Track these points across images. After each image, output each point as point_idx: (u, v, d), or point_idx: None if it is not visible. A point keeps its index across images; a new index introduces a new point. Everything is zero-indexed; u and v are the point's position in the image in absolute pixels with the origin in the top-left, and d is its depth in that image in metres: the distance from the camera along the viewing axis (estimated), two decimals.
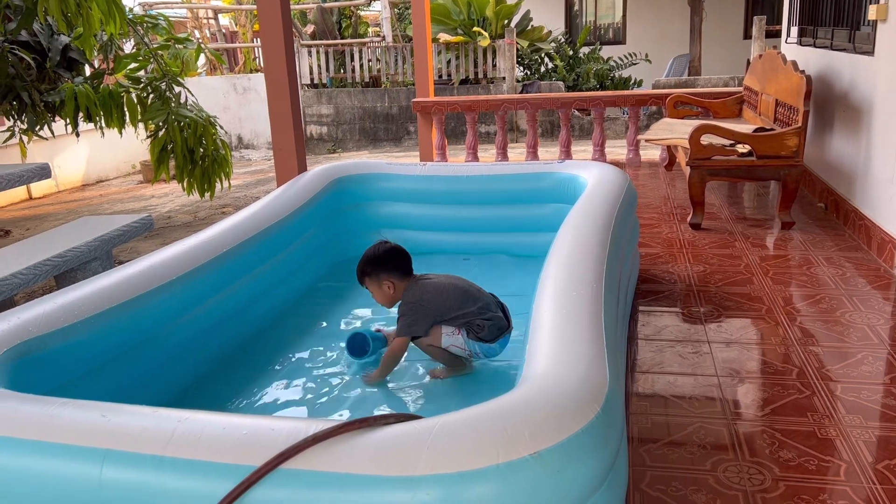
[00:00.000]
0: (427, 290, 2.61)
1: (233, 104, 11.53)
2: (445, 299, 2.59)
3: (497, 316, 2.62)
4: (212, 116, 5.76)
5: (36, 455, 1.46)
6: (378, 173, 4.21)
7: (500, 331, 2.62)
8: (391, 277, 2.62)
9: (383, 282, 2.62)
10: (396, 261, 2.64)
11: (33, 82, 5.58)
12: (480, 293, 2.67)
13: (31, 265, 3.15)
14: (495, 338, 2.60)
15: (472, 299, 2.61)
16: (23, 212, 7.48)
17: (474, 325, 2.57)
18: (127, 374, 2.39)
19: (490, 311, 2.61)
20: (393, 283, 2.62)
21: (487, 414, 1.42)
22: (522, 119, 11.22)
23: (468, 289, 2.66)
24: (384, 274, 2.62)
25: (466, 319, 2.57)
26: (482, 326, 2.57)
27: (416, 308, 2.59)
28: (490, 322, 2.58)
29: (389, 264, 2.63)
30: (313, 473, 1.33)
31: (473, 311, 2.57)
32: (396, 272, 2.63)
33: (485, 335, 2.58)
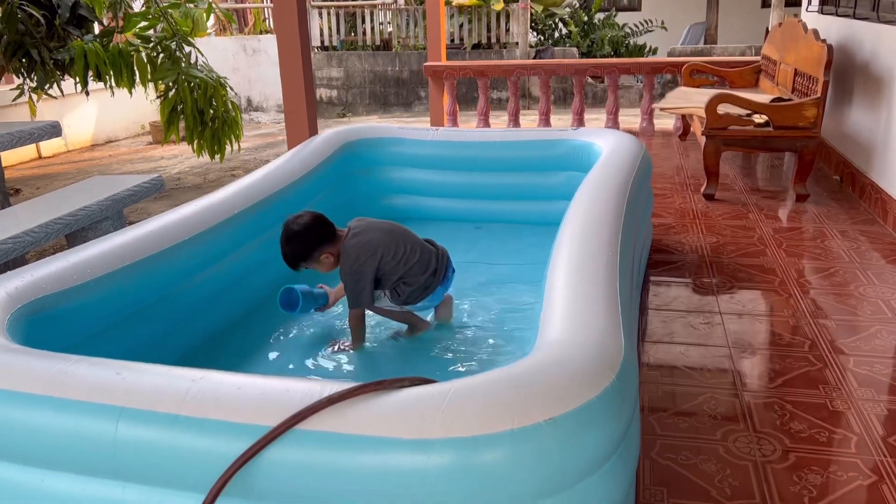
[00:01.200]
0: (362, 254, 2.49)
1: (242, 66, 11.43)
2: (381, 259, 2.50)
3: (420, 278, 2.55)
4: (222, 78, 5.71)
5: (51, 411, 1.47)
6: (389, 137, 4.17)
7: (425, 290, 2.58)
8: (326, 249, 2.50)
9: (321, 257, 2.51)
10: (320, 230, 2.50)
11: (42, 39, 5.52)
12: (413, 247, 2.57)
13: (43, 223, 3.15)
14: (417, 299, 2.58)
15: (403, 259, 2.53)
16: (33, 170, 7.48)
17: (397, 289, 2.56)
18: (138, 334, 2.39)
19: (417, 275, 2.54)
20: (329, 252, 2.51)
21: (502, 379, 1.42)
22: (535, 85, 11.09)
23: (400, 243, 2.55)
24: (317, 251, 2.49)
25: (393, 284, 2.54)
26: (403, 291, 2.55)
27: (356, 277, 2.49)
28: (410, 287, 2.55)
29: (317, 240, 2.48)
30: (328, 434, 1.33)
31: (404, 273, 2.53)
32: (327, 241, 2.50)
33: (405, 299, 2.57)
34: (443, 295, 2.71)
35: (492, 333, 2.75)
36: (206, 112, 5.54)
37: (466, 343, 2.69)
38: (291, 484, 1.37)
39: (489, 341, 2.70)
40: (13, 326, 1.83)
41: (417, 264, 2.55)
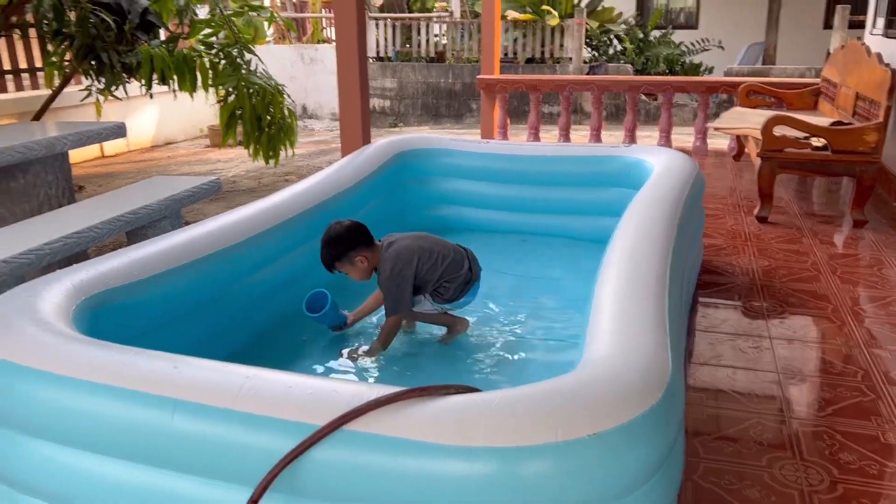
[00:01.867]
0: (401, 259, 2.59)
1: (300, 74, 11.65)
2: (419, 263, 2.61)
3: (461, 274, 2.68)
4: (280, 85, 5.84)
5: (111, 399, 1.53)
6: (441, 148, 4.22)
7: (466, 284, 2.71)
8: (362, 252, 2.59)
9: (356, 259, 2.58)
10: (359, 234, 2.60)
11: (112, 43, 5.74)
12: (446, 249, 2.70)
13: (106, 220, 3.26)
14: (461, 293, 2.69)
15: (440, 260, 2.64)
16: (96, 168, 7.75)
17: (440, 289, 2.66)
18: (191, 331, 2.46)
19: (457, 271, 2.67)
20: (365, 256, 2.59)
21: (548, 392, 1.43)
22: (587, 101, 11.04)
23: (433, 248, 2.67)
24: (353, 252, 2.57)
25: (434, 286, 2.65)
26: (447, 289, 2.66)
27: (396, 282, 2.58)
28: (454, 283, 2.66)
29: (355, 240, 2.58)
30: (374, 436, 1.36)
31: (442, 273, 2.64)
32: (363, 245, 2.59)
33: (449, 296, 2.67)
34: (477, 292, 2.78)
35: (535, 346, 2.76)
36: (264, 118, 5.67)
37: (510, 355, 2.70)
38: (336, 483, 1.40)
39: (533, 354, 2.70)
40: (78, 317, 1.91)
41: (453, 263, 2.66)
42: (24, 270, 2.80)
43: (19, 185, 3.84)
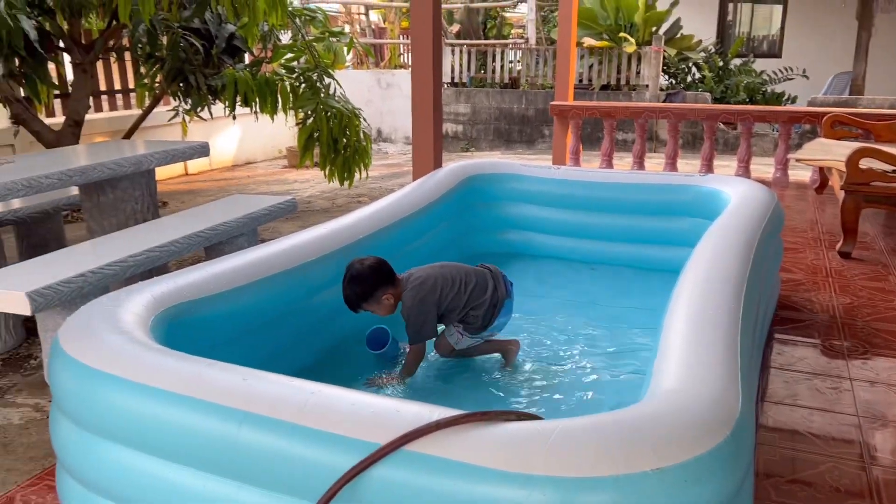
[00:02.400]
0: (423, 288, 2.59)
1: (376, 98, 11.90)
2: (441, 292, 2.60)
3: (485, 299, 2.64)
4: (357, 109, 5.99)
5: (182, 408, 1.59)
6: (511, 173, 4.23)
7: (495, 307, 2.67)
8: (386, 290, 2.57)
9: (382, 298, 2.56)
10: (383, 271, 2.57)
11: (200, 67, 6.02)
12: (467, 276, 2.67)
13: (187, 235, 3.40)
14: (492, 318, 2.67)
15: (463, 287, 2.63)
16: (179, 186, 8.08)
17: (467, 318, 2.64)
18: (261, 345, 2.53)
19: (480, 297, 2.64)
20: (390, 293, 2.58)
21: (611, 423, 1.41)
22: (663, 129, 10.87)
23: (455, 275, 2.65)
24: (378, 291, 2.55)
25: (461, 315, 2.63)
26: (475, 318, 2.64)
27: (419, 310, 2.57)
28: (480, 311, 2.64)
29: (379, 278, 2.56)
30: (433, 458, 1.36)
31: (467, 300, 2.61)
32: (387, 282, 2.57)
33: (479, 325, 2.65)
34: (512, 309, 2.75)
35: (599, 377, 2.72)
36: (340, 140, 5.82)
37: (572, 384, 2.66)
38: (394, 503, 1.40)
39: (595, 385, 2.66)
40: (156, 327, 2.00)
41: (477, 287, 2.64)
42: (109, 281, 2.94)
43: (108, 199, 4.04)
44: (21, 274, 2.81)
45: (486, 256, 4.15)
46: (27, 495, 2.22)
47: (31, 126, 5.80)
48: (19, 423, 2.74)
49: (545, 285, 3.77)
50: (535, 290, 3.67)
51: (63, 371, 1.78)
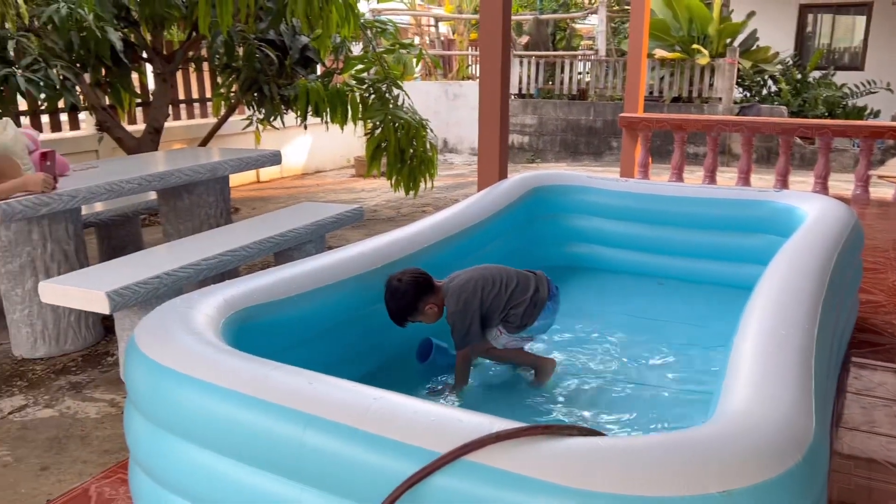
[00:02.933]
0: (464, 291, 2.58)
1: (442, 109, 11.99)
2: (483, 293, 2.58)
3: (526, 297, 2.61)
4: (424, 119, 6.05)
5: (250, 409, 1.63)
6: (578, 185, 4.19)
7: (535, 307, 2.63)
8: (428, 300, 2.57)
9: (424, 308, 2.58)
10: (422, 283, 2.58)
11: (274, 77, 6.19)
12: (508, 276, 2.65)
13: (258, 241, 3.50)
14: (532, 317, 2.63)
15: (503, 287, 2.60)
16: (251, 192, 8.31)
17: (508, 317, 2.61)
18: (326, 351, 2.58)
19: (521, 296, 2.61)
20: (433, 302, 2.58)
21: (676, 443, 1.37)
22: (736, 142, 10.59)
23: (495, 276, 2.63)
24: (421, 303, 2.56)
25: (502, 315, 2.60)
26: (516, 316, 2.61)
27: (462, 314, 2.57)
28: (520, 309, 2.60)
29: (419, 292, 2.56)
30: (493, 469, 1.36)
31: (508, 299, 2.59)
32: (428, 293, 2.58)
33: (519, 323, 2.61)
34: (555, 312, 2.70)
35: (665, 395, 2.66)
36: (407, 151, 5.88)
37: (637, 401, 2.61)
38: None
39: (661, 402, 2.60)
40: (226, 329, 2.05)
41: (518, 288, 2.62)
42: (183, 283, 3.05)
43: (184, 204, 4.19)
44: (101, 274, 2.95)
45: (549, 269, 4.11)
46: (101, 487, 2.31)
47: (114, 133, 6.07)
48: (95, 417, 2.86)
49: (610, 299, 3.72)
50: (599, 304, 3.62)
51: (138, 369, 1.85)
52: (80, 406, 2.95)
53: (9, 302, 3.37)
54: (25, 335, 3.39)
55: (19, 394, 3.06)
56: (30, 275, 3.32)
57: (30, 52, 4.96)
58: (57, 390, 3.09)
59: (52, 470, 2.46)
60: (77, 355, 3.45)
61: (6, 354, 3.47)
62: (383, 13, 11.81)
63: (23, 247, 3.29)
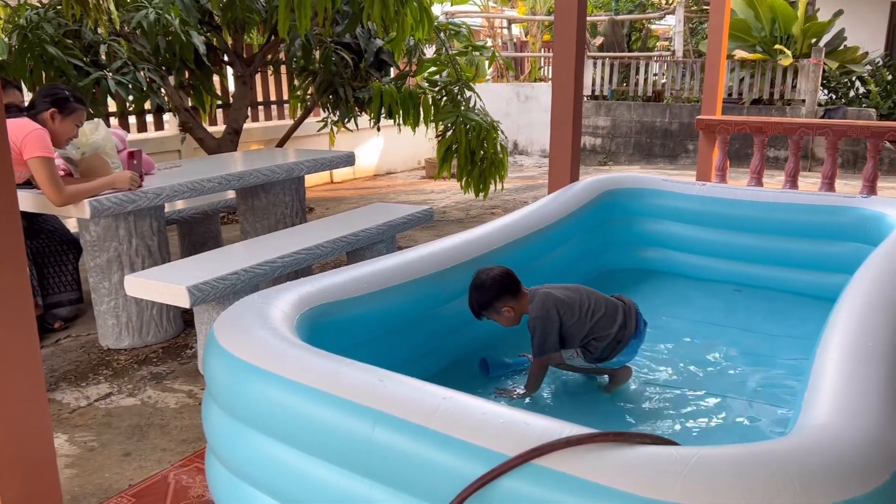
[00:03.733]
0: (550, 300, 2.56)
1: (514, 111, 11.95)
2: (570, 313, 2.55)
3: (610, 332, 2.55)
4: (495, 121, 6.04)
5: (322, 404, 1.66)
6: (652, 189, 4.11)
7: (618, 343, 2.57)
8: (507, 302, 2.57)
9: (502, 309, 2.57)
10: (505, 284, 2.57)
11: (349, 80, 6.30)
12: (597, 303, 2.59)
13: (331, 240, 3.57)
14: (613, 352, 2.58)
15: (589, 314, 2.56)
16: (325, 193, 8.48)
17: (589, 346, 2.56)
18: (396, 349, 2.61)
19: (606, 329, 2.55)
20: (511, 306, 2.57)
21: (754, 455, 1.33)
22: (819, 146, 10.18)
23: (583, 300, 2.59)
24: (499, 302, 2.56)
25: (584, 342, 2.56)
26: (596, 348, 2.56)
27: (544, 321, 2.54)
28: (602, 343, 2.55)
29: (501, 291, 2.56)
30: (563, 475, 1.34)
31: (591, 329, 2.54)
32: (509, 295, 2.57)
33: (599, 355, 2.57)
34: (638, 349, 2.66)
35: (741, 405, 2.58)
36: (477, 153, 5.89)
37: (712, 410, 2.54)
38: None
39: (737, 414, 2.52)
40: (300, 325, 2.10)
41: (604, 318, 2.56)
42: (259, 279, 3.13)
43: (262, 203, 4.31)
44: (182, 270, 3.06)
45: (621, 273, 4.06)
46: (179, 475, 2.40)
47: (196, 133, 6.29)
48: (174, 407, 2.98)
49: (685, 305, 3.64)
50: (673, 309, 3.55)
51: (216, 362, 1.91)
52: (160, 396, 3.07)
53: (97, 294, 3.54)
54: (111, 326, 3.56)
55: (104, 382, 3.21)
56: (116, 269, 3.48)
57: (120, 55, 5.20)
58: (139, 380, 3.23)
59: (134, 456, 2.57)
60: (158, 347, 3.60)
61: (93, 344, 3.65)
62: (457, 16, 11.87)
63: (110, 242, 3.45)
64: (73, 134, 3.50)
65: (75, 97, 3.47)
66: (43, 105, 3.38)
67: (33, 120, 3.31)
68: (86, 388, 3.15)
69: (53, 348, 3.61)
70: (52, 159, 3.21)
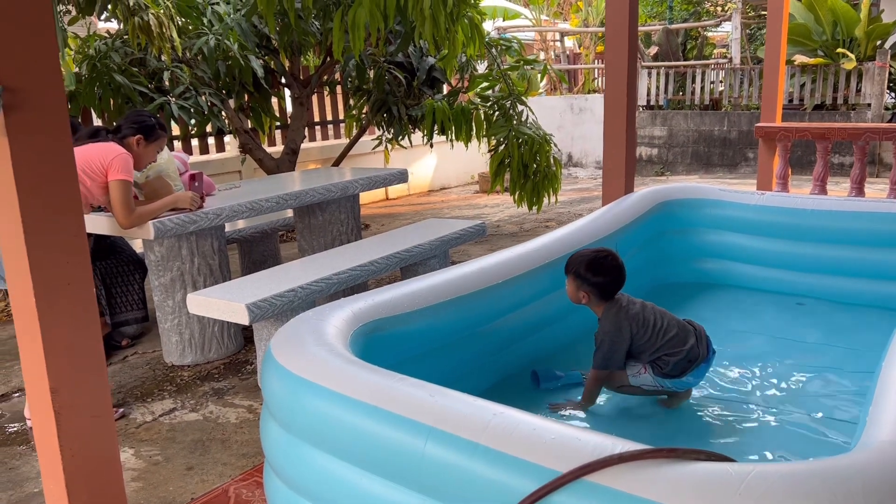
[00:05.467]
0: (624, 319, 2.52)
1: (567, 123, 11.89)
2: (642, 331, 2.51)
3: (683, 350, 2.49)
4: (548, 135, 6.03)
5: (374, 419, 1.68)
6: (709, 199, 4.03)
7: (690, 363, 2.50)
8: (591, 291, 2.55)
9: (581, 289, 2.56)
10: (609, 279, 2.56)
11: (402, 98, 6.39)
12: (669, 323, 2.54)
13: (385, 256, 3.61)
14: (683, 371, 2.50)
15: (661, 333, 2.51)
16: (380, 209, 8.60)
17: (660, 361, 2.50)
18: (448, 364, 2.62)
19: (678, 346, 2.49)
20: (589, 296, 2.56)
21: (814, 472, 1.29)
22: (887, 151, 9.81)
23: (657, 319, 2.54)
24: (588, 285, 2.55)
25: (653, 357, 2.50)
26: (667, 363, 2.49)
27: (613, 338, 2.51)
28: (675, 358, 2.48)
29: (600, 279, 2.55)
30: (615, 492, 1.33)
31: (662, 346, 2.49)
32: (600, 289, 2.56)
33: (669, 370, 2.49)
34: (705, 374, 2.61)
35: (803, 420, 2.50)
36: (530, 166, 5.88)
37: (771, 427, 2.47)
38: None
39: (798, 429, 2.44)
40: (354, 341, 2.14)
41: (675, 338, 2.52)
42: (316, 296, 3.20)
43: (318, 221, 4.40)
44: (242, 288, 3.14)
45: (679, 286, 3.99)
46: (238, 488, 2.45)
47: (255, 154, 6.47)
48: (235, 421, 3.05)
49: (744, 318, 3.55)
50: (733, 322, 3.47)
51: (273, 377, 1.95)
52: (221, 411, 3.16)
53: (161, 312, 3.67)
54: (175, 343, 3.67)
55: (169, 398, 3.32)
56: (179, 287, 3.60)
57: (182, 81, 5.40)
58: (201, 395, 3.32)
59: (197, 470, 2.64)
60: (220, 363, 3.70)
61: (159, 361, 3.77)
62: (508, 30, 11.91)
63: (173, 261, 3.58)
64: (153, 159, 3.61)
65: (160, 125, 3.59)
66: (129, 130, 3.49)
67: (119, 143, 3.44)
68: (151, 403, 3.26)
69: (121, 365, 3.75)
70: (130, 183, 3.34)
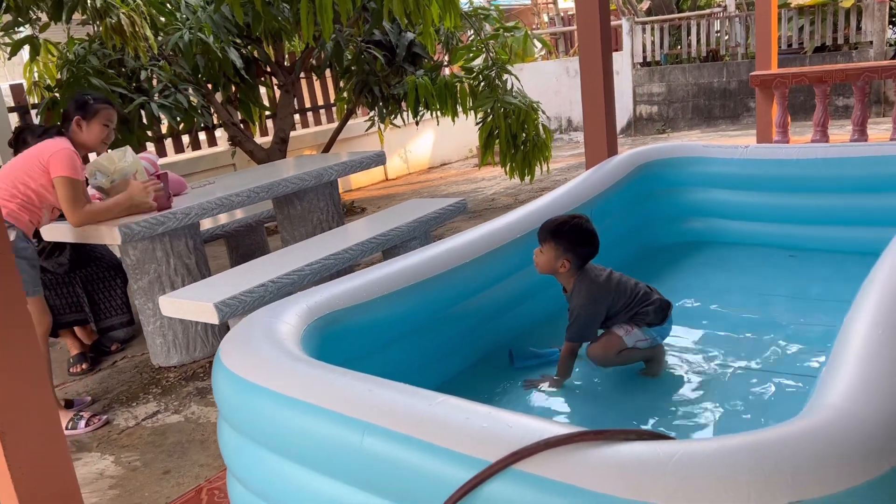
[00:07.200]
0: (599, 289, 2.46)
1: (564, 87, 11.70)
2: (620, 295, 2.47)
3: (656, 298, 2.49)
4: (534, 102, 5.91)
5: (316, 417, 1.63)
6: (690, 157, 3.93)
7: (664, 310, 2.49)
8: (572, 259, 2.46)
9: (563, 257, 2.45)
10: (593, 247, 2.49)
11: (384, 77, 6.29)
12: (634, 280, 2.54)
13: (361, 242, 3.56)
14: (664, 317, 2.51)
15: (633, 290, 2.48)
16: (379, 191, 8.53)
17: (640, 315, 2.46)
18: (421, 348, 2.57)
19: (650, 297, 2.49)
20: (570, 265, 2.46)
21: (746, 446, 1.22)
22: (893, 90, 9.54)
23: (630, 280, 2.52)
24: (570, 253, 2.45)
25: (631, 312, 2.46)
26: (647, 313, 2.46)
27: (590, 309, 2.45)
28: (653, 307, 2.46)
29: (582, 248, 2.47)
30: (541, 479, 1.27)
31: (635, 303, 2.46)
32: (580, 258, 2.48)
33: (651, 319, 2.46)
34: (669, 332, 2.57)
35: (767, 386, 2.40)
36: (519, 136, 5.78)
37: (741, 395, 2.37)
38: None
39: (762, 394, 2.36)
40: (307, 337, 2.08)
41: (645, 292, 2.52)
42: (288, 289, 3.15)
43: (297, 211, 4.35)
44: (213, 286, 3.11)
45: (669, 247, 3.90)
46: (212, 489, 2.44)
47: (245, 146, 6.42)
48: (215, 421, 3.04)
49: (731, 275, 3.48)
50: (718, 280, 3.40)
51: (221, 381, 1.91)
52: (203, 411, 3.14)
53: (143, 315, 3.65)
54: (160, 345, 3.66)
55: (153, 400, 3.31)
56: (157, 289, 3.57)
57: (161, 79, 5.34)
58: (185, 396, 3.31)
59: (173, 473, 2.64)
60: (205, 362, 3.69)
61: (146, 364, 3.77)
62: None
63: (149, 264, 3.55)
64: (105, 135, 3.39)
65: (95, 98, 3.41)
66: (68, 118, 3.34)
67: (67, 135, 3.29)
68: (136, 407, 3.26)
69: (110, 370, 3.75)
70: (76, 180, 3.19)
